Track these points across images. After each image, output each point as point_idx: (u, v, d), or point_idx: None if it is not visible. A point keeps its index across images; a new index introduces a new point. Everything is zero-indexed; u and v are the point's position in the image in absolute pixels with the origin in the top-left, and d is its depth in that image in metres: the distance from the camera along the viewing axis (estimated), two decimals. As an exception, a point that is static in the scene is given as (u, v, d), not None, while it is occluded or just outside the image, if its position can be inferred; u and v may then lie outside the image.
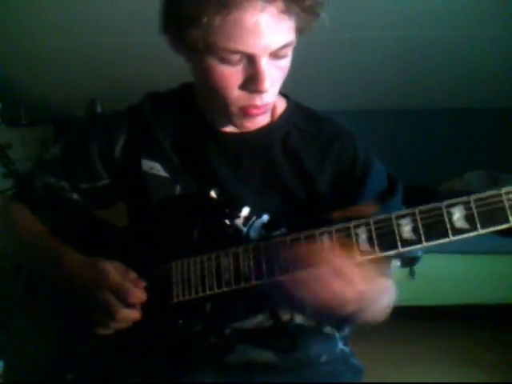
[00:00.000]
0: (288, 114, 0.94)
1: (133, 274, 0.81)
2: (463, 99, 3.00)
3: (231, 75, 0.77)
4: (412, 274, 2.25)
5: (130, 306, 0.79)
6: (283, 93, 0.94)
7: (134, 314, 0.79)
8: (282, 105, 0.94)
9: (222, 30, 0.72)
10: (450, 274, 2.34)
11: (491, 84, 2.85)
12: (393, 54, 2.69)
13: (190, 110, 0.94)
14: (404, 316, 2.29)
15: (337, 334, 0.98)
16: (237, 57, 0.75)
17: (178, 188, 0.91)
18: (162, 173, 0.92)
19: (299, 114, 0.95)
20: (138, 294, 0.79)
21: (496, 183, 2.70)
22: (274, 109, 0.92)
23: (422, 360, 2.22)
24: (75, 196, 0.98)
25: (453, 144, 3.07)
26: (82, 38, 2.51)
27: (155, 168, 0.92)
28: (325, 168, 0.90)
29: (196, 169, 0.92)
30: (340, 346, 0.99)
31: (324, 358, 0.95)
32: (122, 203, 1.01)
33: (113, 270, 0.79)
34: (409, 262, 0.81)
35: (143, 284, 0.81)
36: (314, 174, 0.90)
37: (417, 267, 2.23)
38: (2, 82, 2.83)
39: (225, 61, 0.76)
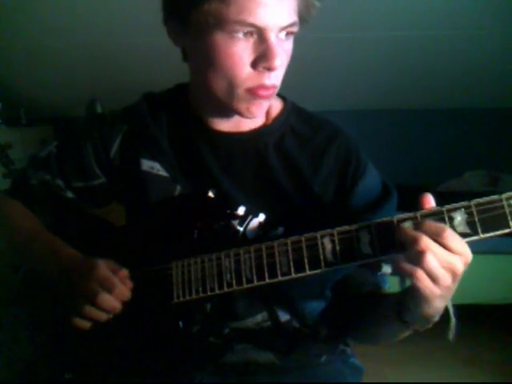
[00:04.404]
0: (284, 116, 0.93)
1: (124, 272, 0.80)
2: (463, 99, 3.00)
3: (241, 52, 0.77)
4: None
5: None
6: (280, 94, 0.93)
7: (114, 302, 0.78)
8: (278, 106, 0.94)
9: (235, 3, 0.73)
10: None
11: (491, 84, 2.86)
12: (393, 54, 2.69)
13: (185, 110, 0.94)
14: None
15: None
16: (248, 31, 0.76)
17: (178, 188, 0.91)
18: (162, 172, 0.92)
19: (295, 116, 0.94)
20: (123, 290, 0.79)
21: (496, 183, 2.69)
22: (269, 109, 0.91)
23: (422, 360, 2.22)
24: (69, 194, 0.99)
25: (453, 144, 3.08)
26: (82, 37, 2.51)
27: (155, 167, 0.92)
28: (320, 171, 0.90)
29: (192, 168, 0.92)
30: (341, 346, 0.99)
31: (324, 358, 0.95)
32: (117, 203, 1.02)
33: (103, 265, 0.79)
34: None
35: (130, 284, 0.81)
36: (309, 176, 0.89)
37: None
38: (1, 82, 2.83)
39: (235, 37, 0.76)
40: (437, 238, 0.63)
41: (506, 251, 2.30)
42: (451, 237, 0.63)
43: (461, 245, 0.64)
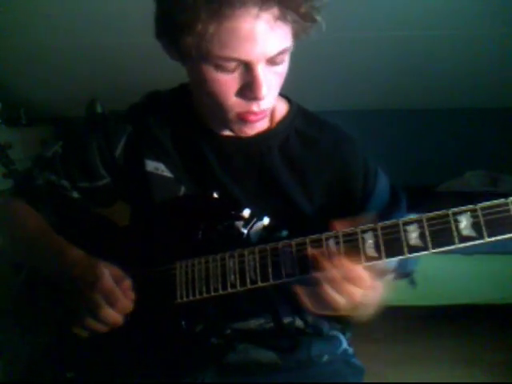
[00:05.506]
0: (289, 118, 0.92)
1: (127, 283, 0.80)
2: (463, 99, 3.00)
3: (227, 82, 0.76)
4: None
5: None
6: (285, 95, 0.93)
7: (116, 317, 0.78)
8: (283, 108, 0.93)
9: (216, 38, 0.70)
10: (450, 274, 2.34)
11: (491, 84, 2.85)
12: (393, 54, 2.69)
13: (187, 111, 0.94)
14: (404, 316, 2.29)
15: (340, 335, 0.98)
16: (233, 64, 0.74)
17: (183, 188, 0.91)
18: (167, 173, 0.92)
19: (301, 118, 0.93)
20: (126, 304, 0.79)
21: (496, 183, 2.69)
22: (274, 112, 0.91)
23: (422, 360, 2.21)
24: (75, 194, 0.99)
25: (453, 144, 3.07)
26: (82, 37, 2.51)
27: (160, 168, 0.92)
28: (324, 175, 0.89)
29: (196, 170, 0.92)
30: (344, 346, 0.99)
31: (326, 357, 0.96)
32: (122, 203, 1.02)
33: (108, 274, 0.78)
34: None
35: (133, 295, 0.81)
36: (312, 180, 0.89)
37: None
38: (1, 82, 2.83)
39: (220, 68, 0.74)
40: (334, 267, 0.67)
41: (506, 251, 2.30)
42: (344, 266, 0.67)
43: (354, 273, 0.68)
